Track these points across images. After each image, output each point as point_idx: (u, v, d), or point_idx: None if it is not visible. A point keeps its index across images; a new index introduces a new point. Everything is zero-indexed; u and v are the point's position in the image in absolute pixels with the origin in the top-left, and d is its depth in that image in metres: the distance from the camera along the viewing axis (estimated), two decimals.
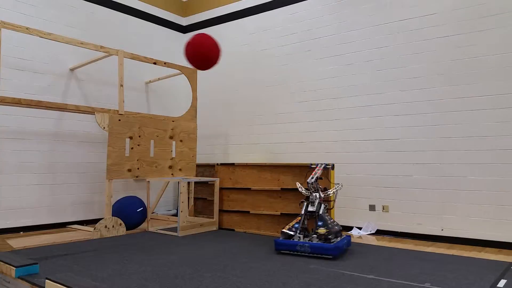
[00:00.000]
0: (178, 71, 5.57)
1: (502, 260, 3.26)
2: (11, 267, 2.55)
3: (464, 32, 4.09)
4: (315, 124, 5.08)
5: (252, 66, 5.79)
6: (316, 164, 3.99)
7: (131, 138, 4.54)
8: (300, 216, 3.65)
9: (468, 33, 4.07)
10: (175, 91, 6.49)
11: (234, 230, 4.71)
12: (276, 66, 5.51)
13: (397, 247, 3.79)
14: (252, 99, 5.75)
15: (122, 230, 4.35)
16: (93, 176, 5.23)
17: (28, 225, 4.59)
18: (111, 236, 4.23)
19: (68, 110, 4.19)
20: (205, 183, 5.55)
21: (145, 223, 4.99)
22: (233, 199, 4.84)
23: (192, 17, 6.65)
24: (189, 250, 3.58)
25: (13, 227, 4.47)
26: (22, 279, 2.50)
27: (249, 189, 4.71)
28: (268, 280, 2.64)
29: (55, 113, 4.89)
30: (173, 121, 5.02)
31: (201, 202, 5.61)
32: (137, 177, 4.59)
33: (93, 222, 5.08)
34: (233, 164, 4.89)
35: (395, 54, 4.50)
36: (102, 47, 4.39)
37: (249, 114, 5.77)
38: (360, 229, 4.60)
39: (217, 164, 5.03)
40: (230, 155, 5.93)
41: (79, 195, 5.08)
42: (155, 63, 4.89)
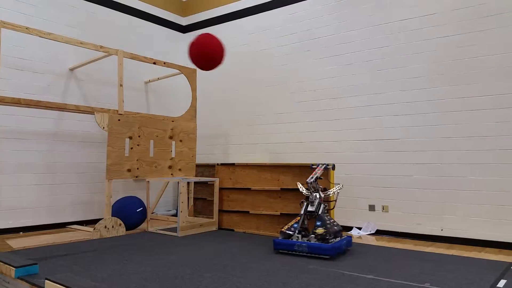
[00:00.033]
0: (177, 71, 5.57)
1: (502, 260, 3.26)
2: (10, 267, 2.55)
3: (465, 32, 4.09)
4: (314, 124, 5.08)
5: (251, 66, 5.79)
6: (317, 164, 3.99)
7: (130, 138, 4.54)
8: (300, 216, 3.65)
9: (469, 33, 4.07)
10: (174, 91, 6.49)
11: (233, 230, 4.71)
12: (276, 66, 5.51)
13: (396, 247, 3.79)
14: (252, 99, 5.75)
15: (122, 230, 4.35)
16: (92, 176, 5.23)
17: (28, 225, 4.59)
18: (110, 236, 4.23)
19: (68, 110, 4.19)
20: (205, 183, 5.55)
21: (144, 223, 4.98)
22: (233, 199, 4.84)
23: (191, 17, 6.65)
24: (189, 250, 3.58)
25: (13, 227, 4.46)
26: (21, 279, 2.50)
27: (249, 189, 4.71)
28: (267, 280, 2.64)
29: (55, 113, 4.89)
30: (172, 121, 5.02)
31: (201, 202, 5.61)
32: (136, 177, 4.59)
33: (92, 222, 5.08)
34: (233, 164, 4.89)
35: (395, 54, 4.50)
36: (101, 47, 4.39)
37: (248, 114, 5.77)
38: (360, 229, 4.60)
39: (217, 164, 5.03)
40: (229, 155, 5.93)
41: (79, 195, 5.08)
42: (154, 63, 4.89)
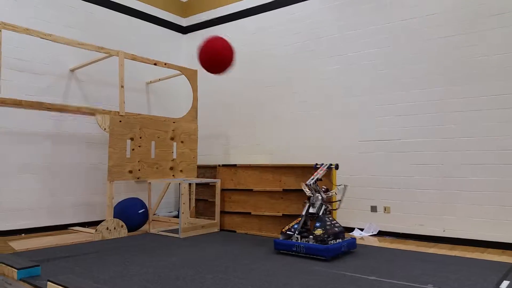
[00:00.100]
0: (178, 72, 5.57)
1: (505, 261, 3.25)
2: (13, 269, 2.55)
3: (465, 32, 4.08)
4: (316, 124, 5.07)
5: (252, 66, 5.78)
6: (321, 164, 3.98)
7: (132, 139, 4.54)
8: (301, 217, 3.65)
9: (469, 33, 4.06)
10: (175, 91, 6.48)
11: (235, 232, 4.70)
12: (277, 66, 5.51)
13: (398, 248, 3.78)
14: (253, 99, 5.74)
15: (124, 232, 4.34)
16: (94, 178, 5.23)
17: (30, 227, 4.59)
18: (112, 238, 4.23)
19: (69, 112, 4.19)
20: (207, 184, 5.55)
21: (146, 225, 4.98)
22: (234, 201, 4.83)
23: (192, 17, 6.65)
24: (191, 251, 3.58)
25: (15, 229, 4.47)
26: (24, 281, 2.50)
27: (251, 190, 4.71)
28: (268, 281, 2.64)
29: (56, 113, 4.89)
30: (174, 122, 5.02)
31: (203, 203, 5.61)
32: (138, 178, 4.58)
33: (94, 224, 5.08)
34: (235, 165, 4.88)
35: (396, 54, 4.50)
36: (102, 48, 4.39)
37: (250, 114, 5.76)
38: (362, 230, 4.59)
39: (219, 165, 5.03)
40: (231, 156, 5.93)
41: (80, 197, 5.08)
42: (155, 64, 4.89)
